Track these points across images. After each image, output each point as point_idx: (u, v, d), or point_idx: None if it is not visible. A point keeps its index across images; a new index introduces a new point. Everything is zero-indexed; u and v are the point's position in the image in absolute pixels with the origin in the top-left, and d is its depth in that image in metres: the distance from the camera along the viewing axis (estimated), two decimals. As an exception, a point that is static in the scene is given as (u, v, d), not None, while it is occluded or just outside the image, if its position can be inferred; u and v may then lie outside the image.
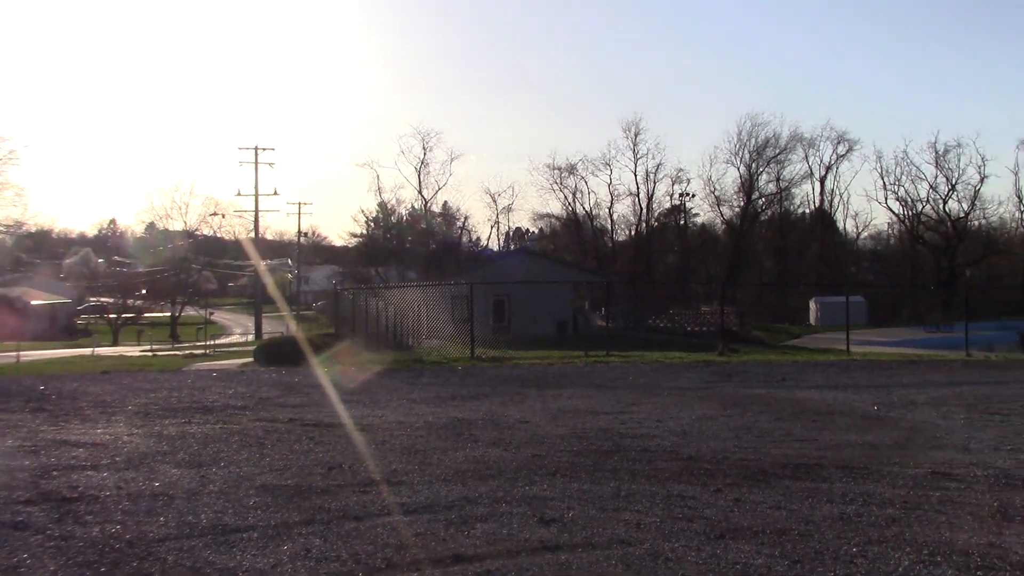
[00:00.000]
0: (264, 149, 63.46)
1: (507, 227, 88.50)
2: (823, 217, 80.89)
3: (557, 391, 13.65)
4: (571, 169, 77.89)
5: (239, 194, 65.74)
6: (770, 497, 6.32)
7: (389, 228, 78.95)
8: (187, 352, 42.16)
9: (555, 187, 78.91)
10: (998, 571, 4.66)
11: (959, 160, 74.74)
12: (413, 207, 79.05)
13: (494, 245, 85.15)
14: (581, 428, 9.70)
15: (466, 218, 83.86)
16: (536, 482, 6.83)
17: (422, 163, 76.48)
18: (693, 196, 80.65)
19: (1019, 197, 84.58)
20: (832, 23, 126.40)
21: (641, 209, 77.83)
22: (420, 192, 77.21)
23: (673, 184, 79.48)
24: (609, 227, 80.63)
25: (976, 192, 74.75)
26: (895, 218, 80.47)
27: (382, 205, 78.52)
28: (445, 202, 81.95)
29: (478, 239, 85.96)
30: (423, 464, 7.60)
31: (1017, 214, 79.16)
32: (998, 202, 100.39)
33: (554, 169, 78.69)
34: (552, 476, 7.05)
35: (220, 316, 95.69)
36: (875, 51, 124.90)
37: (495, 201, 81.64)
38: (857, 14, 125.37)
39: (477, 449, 8.37)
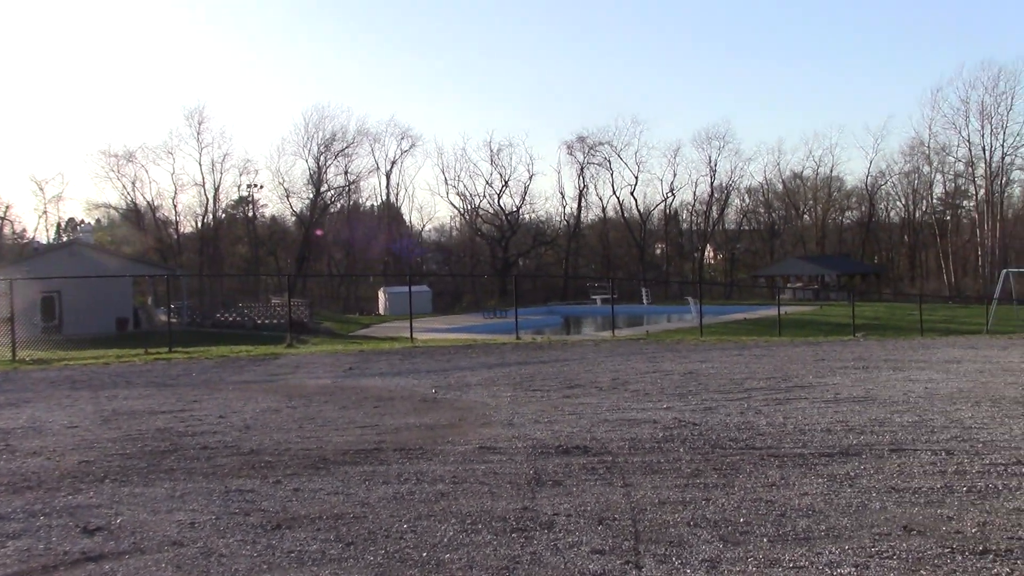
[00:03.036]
0: None
1: (58, 217, 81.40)
2: (390, 210, 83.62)
3: (112, 392, 12.80)
4: (129, 157, 73.27)
5: None
6: (329, 484, 6.42)
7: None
8: None
9: (112, 175, 74.09)
10: (529, 531, 5.13)
11: (511, 158, 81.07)
12: (-59, 194, 70.03)
13: (43, 237, 77.96)
14: (137, 430, 9.18)
15: (8, 207, 75.92)
16: (82, 490, 6.35)
17: (-49, 145, 68.01)
18: (261, 187, 79.74)
19: (562, 194, 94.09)
20: (392, 20, 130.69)
21: (208, 200, 75.24)
22: (-50, 178, 68.67)
23: (241, 175, 77.82)
24: (174, 218, 77.00)
25: (526, 188, 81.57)
26: (456, 211, 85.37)
27: (-97, 191, 68.64)
28: (-18, 189, 73.51)
29: (23, 230, 78.11)
30: (-54, 482, 6.76)
31: (562, 209, 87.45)
32: (545, 197, 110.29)
33: (110, 156, 73.68)
34: (100, 482, 6.60)
35: None
36: (433, 49, 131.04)
37: (42, 189, 74.89)
38: (408, 14, 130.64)
39: (14, 461, 7.60)
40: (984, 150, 73.75)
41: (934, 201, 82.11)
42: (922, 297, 49.42)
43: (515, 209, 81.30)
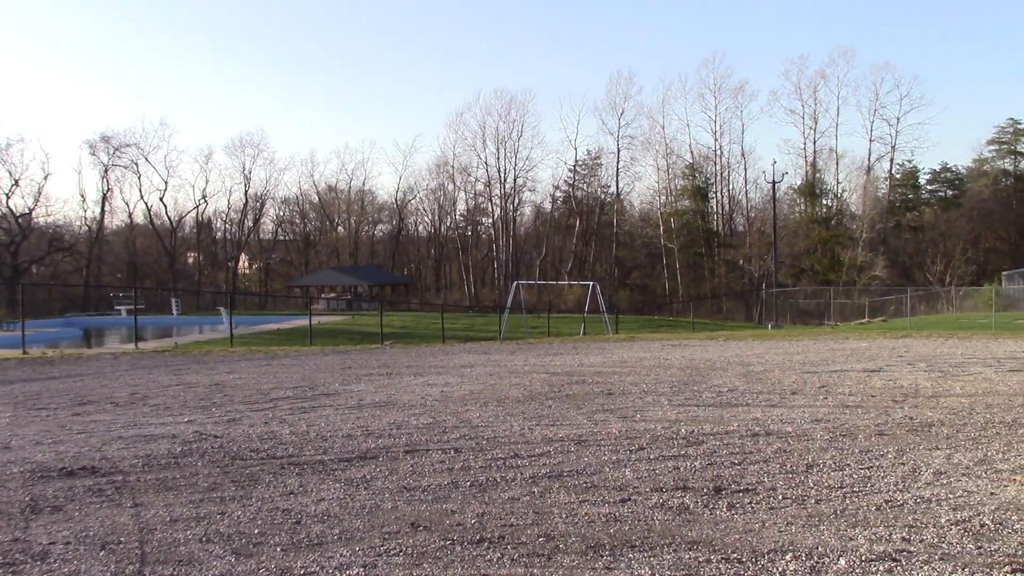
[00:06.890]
0: None
1: None
2: None
3: None
4: None
5: None
6: None
7: None
8: None
9: None
10: (18, 565, 4.63)
11: (23, 155, 73.45)
12: None
13: None
14: None
15: None
16: None
17: None
18: None
19: (83, 197, 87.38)
20: None
21: None
22: None
23: None
24: None
25: (40, 189, 74.43)
26: (-45, 211, 75.45)
27: None
28: None
29: None
30: None
31: (83, 213, 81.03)
32: (64, 200, 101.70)
33: None
34: None
35: None
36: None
37: None
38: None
39: None
40: (500, 172, 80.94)
41: (458, 217, 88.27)
42: (445, 306, 52.81)
43: (27, 211, 73.87)
